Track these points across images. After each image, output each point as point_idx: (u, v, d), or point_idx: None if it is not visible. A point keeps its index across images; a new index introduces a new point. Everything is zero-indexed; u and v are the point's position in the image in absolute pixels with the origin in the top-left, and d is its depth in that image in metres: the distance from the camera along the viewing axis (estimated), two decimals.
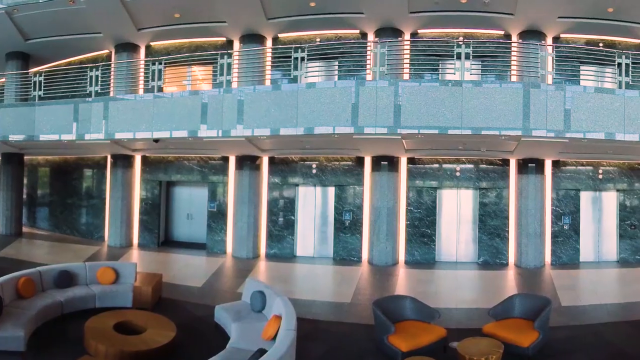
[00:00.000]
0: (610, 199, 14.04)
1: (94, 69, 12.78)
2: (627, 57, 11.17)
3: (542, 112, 10.23)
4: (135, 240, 15.69)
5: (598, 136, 10.02)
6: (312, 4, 13.45)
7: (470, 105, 10.35)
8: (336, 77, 14.66)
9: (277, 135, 10.69)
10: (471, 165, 14.09)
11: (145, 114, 11.34)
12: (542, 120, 10.22)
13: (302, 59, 11.39)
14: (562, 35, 14.54)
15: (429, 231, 14.16)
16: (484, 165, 14.05)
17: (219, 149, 13.22)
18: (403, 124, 10.31)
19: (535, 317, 7.58)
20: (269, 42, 14.94)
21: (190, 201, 16.18)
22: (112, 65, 14.75)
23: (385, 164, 13.76)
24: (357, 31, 14.66)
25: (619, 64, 11.27)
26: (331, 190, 14.75)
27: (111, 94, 13.35)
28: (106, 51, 16.43)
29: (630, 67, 11.12)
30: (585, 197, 13.99)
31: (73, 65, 15.69)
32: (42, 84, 13.21)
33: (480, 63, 13.92)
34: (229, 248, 14.57)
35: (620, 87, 10.84)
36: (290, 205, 14.89)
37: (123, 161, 15.39)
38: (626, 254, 13.54)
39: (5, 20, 14.65)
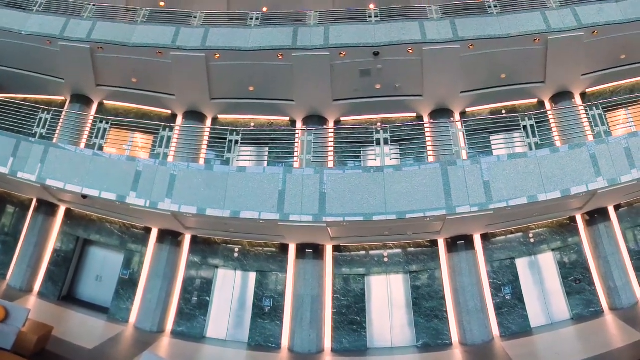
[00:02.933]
0: (548, 260, 13.92)
1: (45, 112, 12.80)
2: (529, 119, 11.71)
3: (462, 188, 10.35)
4: (37, 287, 13.94)
5: (521, 201, 10.11)
6: (251, 88, 14.71)
7: (393, 189, 10.33)
8: (266, 162, 14.78)
9: (203, 215, 10.61)
10: (399, 250, 13.55)
11: (80, 168, 11.39)
12: (463, 196, 10.32)
13: (236, 142, 11.87)
14: (467, 110, 15.44)
15: (359, 318, 13.18)
16: (413, 249, 13.54)
17: (143, 218, 12.81)
18: (328, 212, 10.24)
19: None
20: (208, 122, 15.67)
21: (104, 264, 14.77)
22: (64, 113, 14.66)
23: (310, 251, 13.07)
24: (288, 118, 15.53)
25: (525, 127, 11.74)
26: (252, 276, 13.70)
27: (54, 140, 13.08)
28: (62, 98, 16.33)
29: (536, 128, 11.62)
30: (522, 263, 13.79)
31: (27, 102, 15.10)
32: None
33: (398, 147, 14.21)
34: (133, 318, 13.18)
35: (530, 148, 11.20)
36: (207, 286, 13.54)
37: (47, 208, 14.38)
38: (579, 309, 13.16)
39: None
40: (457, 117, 15.13)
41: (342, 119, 15.67)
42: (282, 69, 14.15)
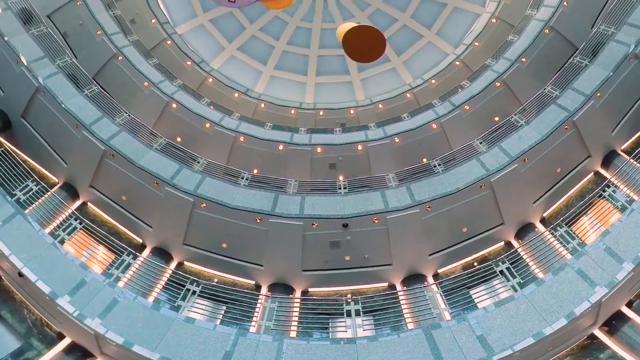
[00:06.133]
0: None
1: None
2: (503, 262, 11.40)
3: (454, 348, 9.13)
4: None
5: (527, 342, 8.87)
6: (224, 245, 14.54)
7: None
8: (219, 321, 13.24)
9: (128, 350, 9.49)
10: None
11: (35, 248, 10.83)
12: (458, 356, 8.97)
13: (194, 292, 11.44)
14: (440, 270, 14.62)
15: None
16: None
17: (62, 323, 11.29)
18: None
19: None
20: (173, 265, 14.96)
21: None
22: None
23: None
24: (253, 282, 14.89)
25: (501, 272, 11.36)
26: None
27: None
28: None
29: (512, 269, 11.21)
30: None
31: None
32: None
33: (372, 318, 12.63)
34: None
35: (515, 290, 10.65)
36: None
37: None
38: None
39: None
40: (430, 280, 14.27)
41: (310, 289, 14.85)
42: (257, 233, 14.16)
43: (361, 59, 7.58)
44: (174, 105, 19.55)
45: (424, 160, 17.29)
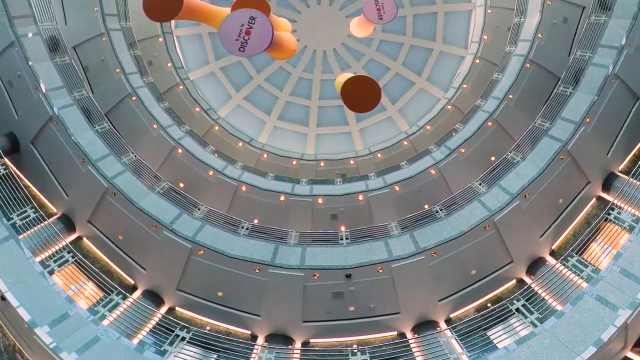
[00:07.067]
0: None
1: None
2: (517, 300, 11.21)
3: None
4: None
5: None
6: (220, 294, 14.18)
7: None
8: None
9: None
10: None
11: (20, 275, 10.69)
12: None
13: (183, 338, 11.28)
14: (452, 315, 13.95)
15: None
16: None
17: (35, 352, 10.76)
18: None
19: None
20: (163, 309, 14.44)
21: None
22: None
23: None
24: (249, 332, 14.36)
25: (518, 309, 11.12)
26: None
27: None
28: None
29: (528, 305, 11.00)
30: None
31: None
32: None
33: None
34: None
35: (535, 325, 10.32)
36: None
37: None
38: None
39: None
40: (443, 325, 13.51)
41: (311, 340, 14.11)
42: (256, 283, 13.84)
43: (359, 109, 7.75)
44: (180, 151, 19.82)
45: (426, 206, 17.16)
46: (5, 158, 13.69)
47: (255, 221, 18.32)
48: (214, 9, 8.23)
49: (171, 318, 12.82)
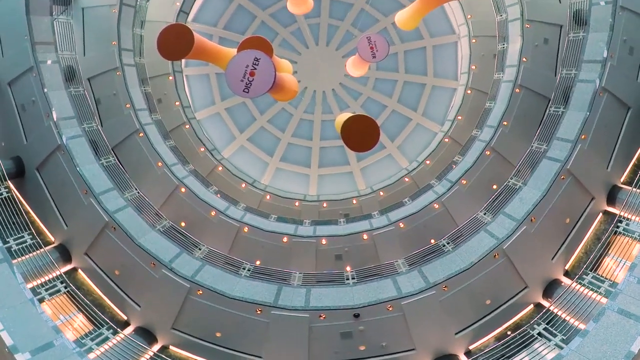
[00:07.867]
0: None
1: None
2: (539, 324, 11.08)
3: None
4: None
5: None
6: (218, 334, 13.83)
7: None
8: None
9: None
10: None
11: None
12: None
13: None
14: (471, 347, 13.44)
15: None
16: None
17: None
18: None
19: None
20: (156, 347, 13.95)
21: None
22: None
23: None
24: None
25: (539, 334, 10.98)
26: None
27: None
28: None
29: (550, 328, 10.88)
30: None
31: None
32: None
33: None
34: None
35: (561, 348, 10.15)
36: None
37: None
38: None
39: None
40: (463, 358, 13.05)
41: None
42: (257, 324, 13.52)
43: (359, 149, 7.86)
44: (183, 190, 19.83)
45: (432, 241, 16.98)
46: (9, 181, 13.77)
47: (258, 262, 18.04)
48: (222, 49, 8.60)
49: (163, 357, 12.42)
